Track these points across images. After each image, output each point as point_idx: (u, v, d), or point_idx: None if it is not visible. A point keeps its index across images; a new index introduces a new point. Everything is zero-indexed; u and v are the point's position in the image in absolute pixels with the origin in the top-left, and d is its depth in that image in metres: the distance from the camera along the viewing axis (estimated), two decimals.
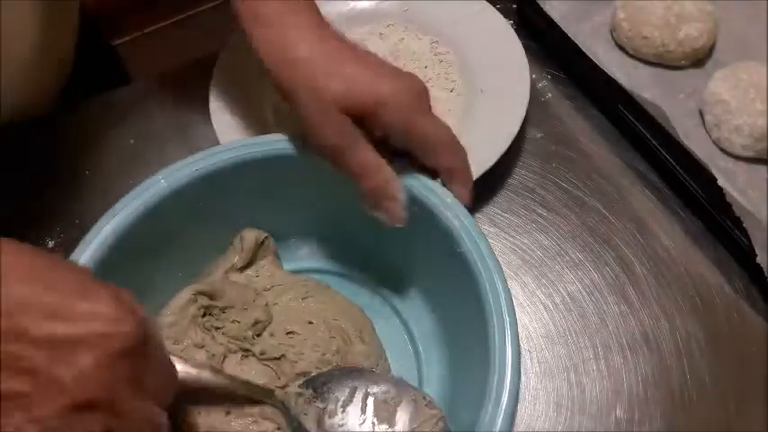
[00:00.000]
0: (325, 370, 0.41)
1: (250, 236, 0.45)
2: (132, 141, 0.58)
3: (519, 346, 0.35)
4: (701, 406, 0.44)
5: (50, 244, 0.53)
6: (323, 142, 0.39)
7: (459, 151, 0.41)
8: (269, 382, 0.40)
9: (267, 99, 0.56)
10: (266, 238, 0.46)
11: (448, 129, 0.40)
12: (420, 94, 0.39)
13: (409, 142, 0.40)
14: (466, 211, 0.40)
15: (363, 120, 0.39)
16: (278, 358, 0.41)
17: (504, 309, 0.36)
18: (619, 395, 0.45)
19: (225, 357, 0.41)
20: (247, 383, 0.39)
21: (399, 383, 0.40)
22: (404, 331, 0.46)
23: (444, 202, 0.40)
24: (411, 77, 0.39)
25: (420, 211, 0.40)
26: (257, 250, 0.46)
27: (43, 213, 0.54)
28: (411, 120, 0.38)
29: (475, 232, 0.39)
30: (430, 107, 0.40)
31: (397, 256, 0.46)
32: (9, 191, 0.55)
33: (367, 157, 0.39)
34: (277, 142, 0.43)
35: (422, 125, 0.39)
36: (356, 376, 0.40)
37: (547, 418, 0.44)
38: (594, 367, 0.46)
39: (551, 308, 0.48)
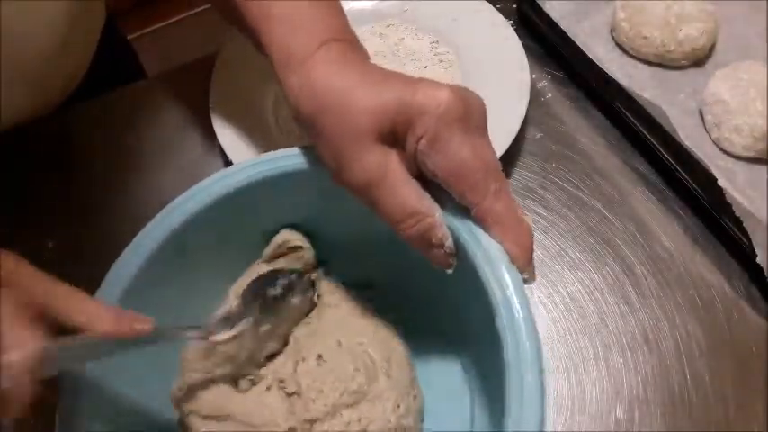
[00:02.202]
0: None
1: (279, 237, 0.42)
2: (132, 141, 0.58)
3: None
4: (700, 406, 0.44)
5: (50, 244, 0.53)
6: (354, 178, 0.34)
7: (499, 191, 0.32)
8: (281, 420, 0.38)
9: (267, 99, 0.56)
10: (299, 241, 0.42)
11: (495, 160, 0.32)
12: (466, 107, 0.31)
13: (436, 165, 0.32)
14: (515, 277, 0.32)
15: (396, 143, 0.33)
16: (299, 394, 0.38)
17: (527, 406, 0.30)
18: (619, 395, 0.45)
19: (253, 385, 0.40)
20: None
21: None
22: (461, 370, 0.43)
23: (489, 258, 0.32)
24: (459, 89, 0.32)
25: (462, 261, 0.34)
26: (287, 252, 0.42)
27: (43, 213, 0.54)
28: (444, 131, 0.31)
29: (517, 309, 0.31)
30: (482, 129, 0.32)
31: (455, 297, 0.41)
32: (9, 191, 0.55)
33: (408, 198, 0.33)
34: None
35: (457, 142, 0.31)
36: None
37: (547, 417, 0.44)
38: (594, 367, 0.46)
39: (551, 308, 0.48)
